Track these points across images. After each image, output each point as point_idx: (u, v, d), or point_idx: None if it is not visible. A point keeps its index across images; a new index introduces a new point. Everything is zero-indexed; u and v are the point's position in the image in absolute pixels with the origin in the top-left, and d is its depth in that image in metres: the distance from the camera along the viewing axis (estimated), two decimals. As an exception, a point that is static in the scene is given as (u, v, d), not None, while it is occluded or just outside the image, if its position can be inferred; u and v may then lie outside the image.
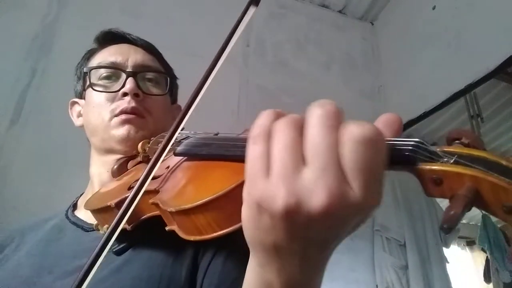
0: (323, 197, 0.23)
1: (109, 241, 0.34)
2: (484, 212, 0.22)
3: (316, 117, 0.25)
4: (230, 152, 0.36)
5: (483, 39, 1.60)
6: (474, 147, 0.26)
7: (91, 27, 0.71)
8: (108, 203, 0.45)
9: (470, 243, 4.97)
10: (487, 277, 3.55)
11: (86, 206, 0.53)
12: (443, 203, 4.44)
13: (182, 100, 0.76)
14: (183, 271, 0.49)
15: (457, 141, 0.27)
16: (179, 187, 0.40)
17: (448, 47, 1.79)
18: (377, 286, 1.79)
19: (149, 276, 0.48)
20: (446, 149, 0.26)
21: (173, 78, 0.75)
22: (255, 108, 1.85)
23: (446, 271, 2.04)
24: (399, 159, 0.26)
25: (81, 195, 0.71)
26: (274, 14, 2.16)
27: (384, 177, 0.25)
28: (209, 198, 0.32)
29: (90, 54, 0.70)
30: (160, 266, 0.49)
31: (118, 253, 0.50)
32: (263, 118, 0.28)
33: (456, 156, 0.25)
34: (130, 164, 0.60)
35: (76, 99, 0.71)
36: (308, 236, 0.26)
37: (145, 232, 0.47)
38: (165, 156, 0.50)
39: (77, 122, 0.70)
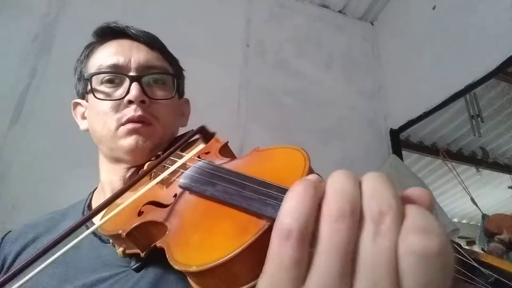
0: None
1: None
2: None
3: (373, 216, 0.20)
4: (235, 201, 0.35)
5: (483, 39, 1.60)
6: None
7: (91, 27, 0.69)
8: (119, 231, 0.44)
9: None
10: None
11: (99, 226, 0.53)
12: (443, 203, 4.42)
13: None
14: None
15: (496, 237, 0.24)
16: (184, 236, 0.38)
17: (448, 47, 1.79)
18: (377, 286, 1.79)
19: None
20: (484, 259, 0.22)
21: (180, 72, 0.71)
22: (255, 108, 1.86)
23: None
24: None
25: (93, 192, 0.69)
26: (274, 14, 2.16)
27: None
28: (213, 263, 0.31)
29: (90, 50, 0.66)
30: (174, 282, 0.49)
31: (137, 269, 0.50)
32: (302, 203, 0.21)
33: (495, 274, 0.21)
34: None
35: (79, 100, 0.68)
36: None
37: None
38: (172, 179, 0.48)
39: (82, 125, 0.67)
